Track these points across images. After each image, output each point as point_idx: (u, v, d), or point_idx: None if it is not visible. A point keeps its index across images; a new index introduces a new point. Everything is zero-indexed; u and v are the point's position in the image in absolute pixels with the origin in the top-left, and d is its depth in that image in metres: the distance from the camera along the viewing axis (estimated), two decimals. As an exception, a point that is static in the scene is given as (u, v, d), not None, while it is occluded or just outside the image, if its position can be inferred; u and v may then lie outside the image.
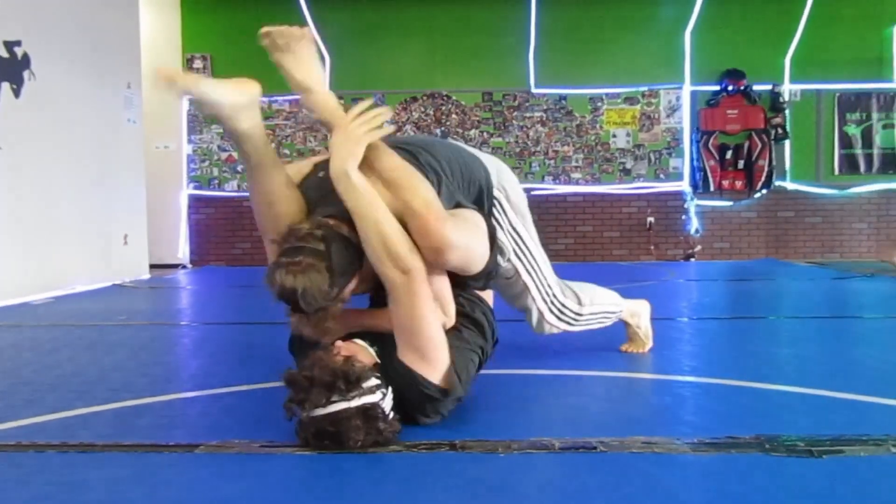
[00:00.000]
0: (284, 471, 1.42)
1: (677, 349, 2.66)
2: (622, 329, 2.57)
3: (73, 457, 1.52)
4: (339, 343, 1.63)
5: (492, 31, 7.58)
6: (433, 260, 1.62)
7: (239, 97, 1.71)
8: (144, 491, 1.33)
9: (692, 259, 7.55)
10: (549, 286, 2.22)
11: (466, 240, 1.69)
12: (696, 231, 7.59)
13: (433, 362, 1.61)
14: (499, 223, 2.04)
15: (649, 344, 2.56)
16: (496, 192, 2.03)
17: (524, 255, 2.14)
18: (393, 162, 1.68)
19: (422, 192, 1.64)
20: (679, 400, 1.98)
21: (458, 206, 1.81)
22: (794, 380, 2.14)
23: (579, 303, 2.27)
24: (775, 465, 1.41)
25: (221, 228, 7.68)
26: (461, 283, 1.84)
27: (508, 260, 2.09)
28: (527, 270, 2.15)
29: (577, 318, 2.28)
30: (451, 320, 1.76)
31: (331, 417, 1.45)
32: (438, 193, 1.71)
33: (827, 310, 4.03)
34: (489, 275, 1.88)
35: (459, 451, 1.51)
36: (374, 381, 1.51)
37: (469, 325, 1.84)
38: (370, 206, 1.58)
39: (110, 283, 5.58)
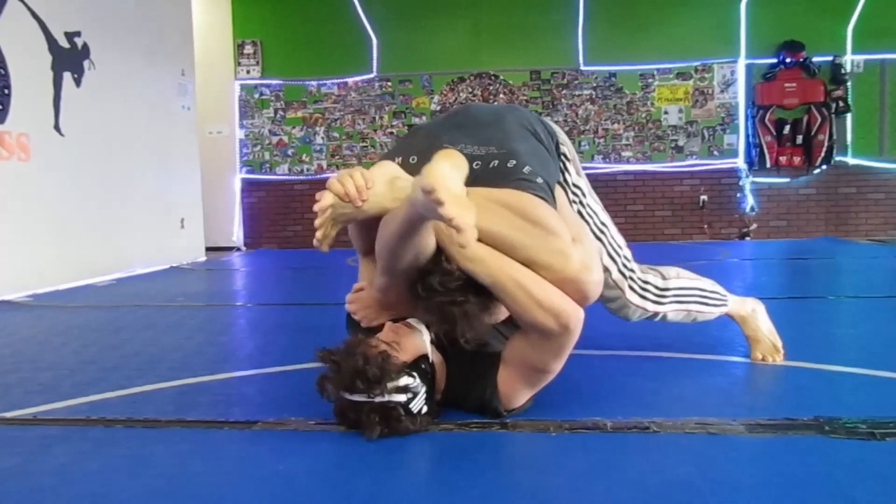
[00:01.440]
0: (339, 447, 1.45)
1: (731, 329, 2.60)
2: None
3: (139, 431, 1.59)
4: (388, 325, 1.57)
5: (539, 8, 7.47)
6: (579, 299, 1.47)
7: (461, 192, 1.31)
8: (206, 465, 1.38)
9: (747, 238, 7.37)
10: (624, 255, 1.90)
11: (597, 258, 1.55)
12: (752, 209, 7.39)
13: (525, 395, 1.60)
14: (565, 180, 1.79)
15: (779, 342, 2.15)
16: (563, 141, 1.82)
17: (588, 213, 1.84)
18: (496, 220, 1.44)
19: (546, 243, 1.44)
20: (734, 381, 1.95)
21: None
22: (854, 360, 2.08)
23: (663, 277, 1.96)
24: (835, 448, 1.38)
25: (273, 211, 7.82)
26: None
27: None
28: (593, 232, 1.83)
29: (664, 293, 1.94)
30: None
31: (351, 405, 1.45)
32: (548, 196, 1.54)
33: (889, 289, 3.88)
34: None
35: (511, 430, 1.52)
36: (402, 381, 1.43)
37: None
38: (501, 269, 1.43)
39: (168, 266, 5.75)
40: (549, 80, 7.55)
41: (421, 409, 1.47)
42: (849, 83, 7.16)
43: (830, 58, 7.16)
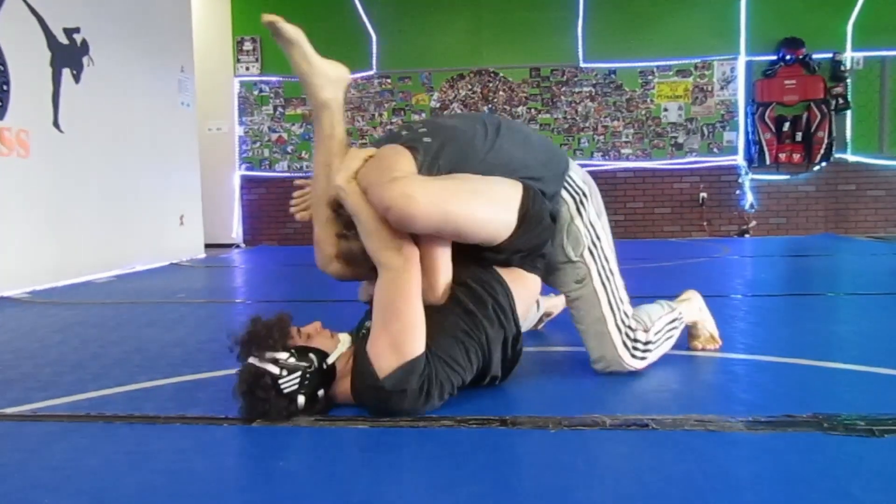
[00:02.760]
0: (339, 444, 1.45)
1: (731, 326, 2.61)
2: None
3: (139, 428, 1.59)
4: (316, 323, 1.69)
5: (539, 5, 7.47)
6: (396, 225, 1.59)
7: (330, 70, 1.84)
8: (207, 462, 1.38)
9: (747, 235, 7.37)
10: (623, 307, 1.91)
11: (443, 201, 1.59)
12: (751, 206, 7.39)
13: (403, 353, 1.54)
14: (579, 212, 1.89)
15: (716, 332, 2.25)
16: (577, 180, 1.90)
17: (599, 256, 1.90)
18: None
19: (385, 174, 1.65)
20: (733, 378, 1.95)
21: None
22: (853, 357, 2.08)
23: (644, 329, 1.93)
24: (834, 445, 1.38)
25: (273, 208, 7.82)
26: (485, 259, 1.76)
27: (581, 256, 1.88)
28: (599, 276, 1.89)
29: (647, 347, 1.94)
30: (435, 293, 1.68)
31: (243, 365, 1.57)
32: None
33: (888, 286, 3.89)
34: (518, 251, 1.76)
35: (510, 426, 1.52)
36: (280, 355, 1.54)
37: (463, 316, 1.66)
38: (364, 209, 1.65)
39: (168, 263, 5.75)
40: (549, 77, 7.55)
41: (293, 394, 1.54)
42: (849, 80, 7.16)
43: (830, 55, 7.16)
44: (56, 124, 4.55)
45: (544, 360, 2.10)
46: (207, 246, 6.82)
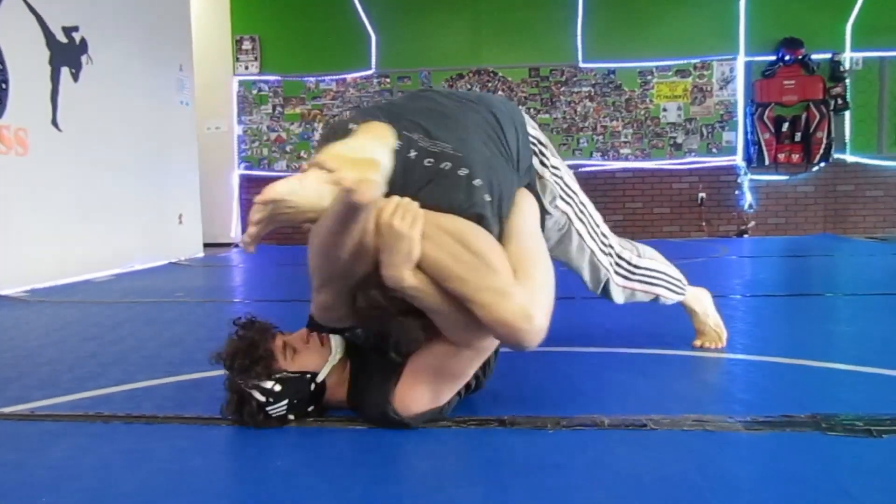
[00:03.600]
0: (337, 444, 1.45)
1: (729, 326, 2.61)
2: (669, 311, 2.46)
3: (138, 427, 1.59)
4: (303, 331, 1.59)
5: (538, 5, 7.47)
6: (515, 347, 1.39)
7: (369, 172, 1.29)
8: (205, 461, 1.38)
9: (745, 235, 7.38)
10: (602, 233, 1.95)
11: (547, 298, 1.40)
12: (750, 206, 7.40)
13: (439, 401, 1.52)
14: (543, 164, 1.75)
15: (724, 334, 2.29)
16: (532, 131, 1.72)
17: (571, 198, 1.83)
18: (441, 248, 1.39)
19: (485, 281, 1.35)
20: (732, 378, 1.95)
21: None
22: (852, 358, 2.08)
23: (638, 254, 2.03)
24: (832, 445, 1.39)
25: (272, 207, 7.80)
26: None
27: (556, 206, 1.79)
28: (577, 216, 1.85)
29: (633, 271, 2.01)
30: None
31: (228, 381, 1.53)
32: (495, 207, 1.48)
33: (887, 286, 3.89)
34: None
35: (509, 427, 1.52)
36: (266, 384, 1.49)
37: None
38: (439, 301, 1.39)
39: (166, 262, 5.75)
40: (548, 76, 7.55)
41: (282, 417, 1.53)
42: (848, 80, 7.16)
43: (829, 55, 7.16)
44: (55, 123, 4.55)
45: (543, 361, 2.10)
46: (206, 245, 6.81)
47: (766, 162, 7.26)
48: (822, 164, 7.25)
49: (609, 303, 2.10)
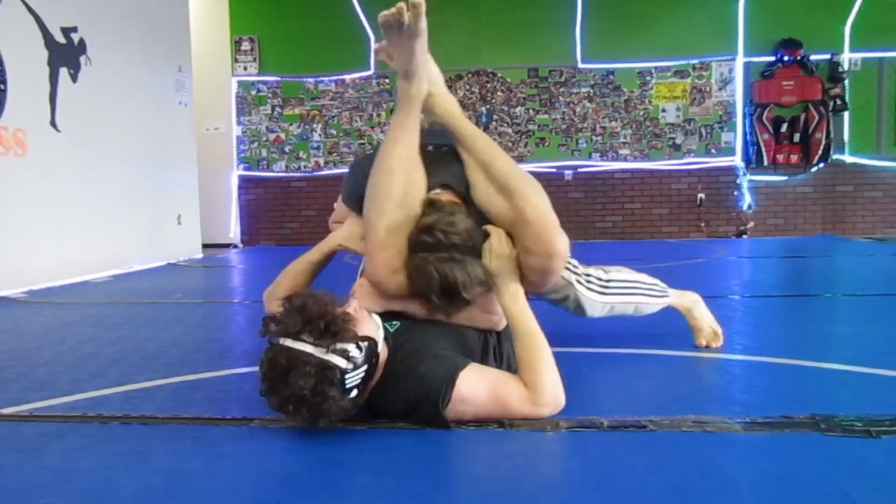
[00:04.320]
0: (335, 445, 1.45)
1: (728, 327, 2.61)
2: (669, 312, 2.47)
3: (136, 428, 1.59)
4: (354, 304, 1.53)
5: (537, 5, 7.47)
6: (542, 267, 1.66)
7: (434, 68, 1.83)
8: (203, 462, 1.38)
9: (744, 236, 7.38)
10: (578, 268, 2.11)
11: (567, 248, 1.67)
12: (749, 207, 7.40)
13: (472, 409, 1.52)
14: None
15: (719, 330, 2.32)
16: None
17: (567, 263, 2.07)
18: (505, 168, 1.69)
19: (533, 199, 1.65)
20: (731, 379, 1.95)
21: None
22: (851, 358, 2.08)
23: (605, 271, 2.14)
24: (831, 445, 1.38)
25: (270, 208, 7.81)
26: None
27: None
28: (567, 269, 2.06)
29: (607, 284, 2.11)
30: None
31: (291, 353, 1.37)
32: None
33: (886, 287, 3.89)
34: None
35: (508, 428, 1.52)
36: (351, 347, 1.39)
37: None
38: (531, 322, 1.65)
39: (165, 263, 5.75)
40: (548, 77, 7.55)
41: (353, 388, 1.41)
42: (846, 81, 7.17)
43: (828, 56, 7.16)
44: (53, 124, 4.54)
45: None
46: (205, 246, 6.81)
47: (765, 162, 7.26)
48: (821, 165, 7.25)
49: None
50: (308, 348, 1.36)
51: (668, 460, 1.33)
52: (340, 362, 1.37)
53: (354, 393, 1.42)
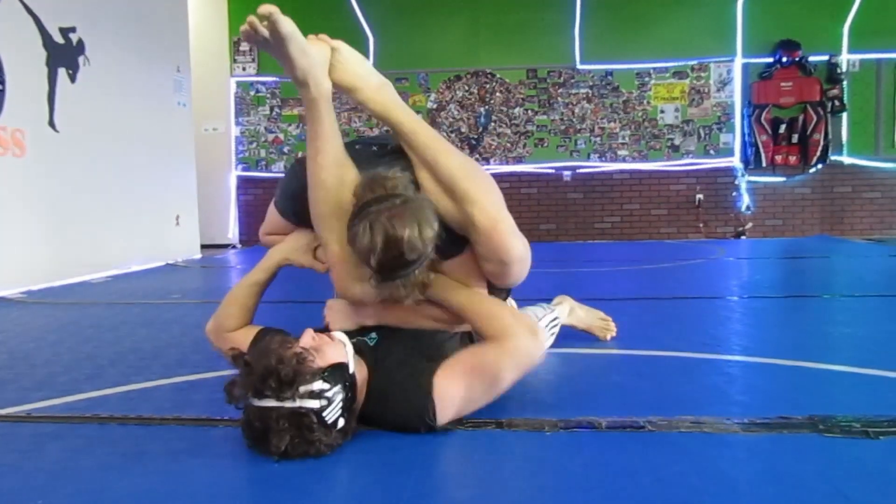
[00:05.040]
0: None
1: (727, 328, 2.62)
2: (667, 313, 2.49)
3: (134, 429, 1.58)
4: (307, 331, 1.46)
5: (536, 6, 7.47)
6: (499, 273, 1.58)
7: (320, 55, 1.74)
8: (202, 463, 1.38)
9: (743, 237, 7.38)
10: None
11: (526, 251, 1.58)
12: (748, 208, 7.41)
13: (459, 406, 1.49)
14: None
15: (609, 320, 2.38)
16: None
17: None
18: (451, 166, 1.55)
19: (482, 201, 1.50)
20: (729, 379, 1.95)
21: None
22: (849, 359, 2.08)
23: (537, 315, 2.13)
24: (830, 447, 1.39)
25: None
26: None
27: None
28: None
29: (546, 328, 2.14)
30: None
31: (260, 412, 1.32)
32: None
33: (884, 288, 3.89)
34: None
35: (506, 428, 1.52)
36: (316, 386, 1.33)
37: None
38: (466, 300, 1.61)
39: (164, 263, 5.74)
40: (546, 78, 7.55)
41: (336, 421, 1.36)
42: (845, 82, 7.18)
43: (827, 57, 7.17)
44: (52, 124, 4.54)
45: (541, 363, 2.10)
46: (203, 246, 6.80)
47: (764, 163, 7.27)
48: (820, 166, 7.26)
49: (608, 305, 2.10)
50: (274, 403, 1.31)
51: (666, 461, 1.33)
52: (312, 404, 1.32)
53: (341, 423, 1.38)
